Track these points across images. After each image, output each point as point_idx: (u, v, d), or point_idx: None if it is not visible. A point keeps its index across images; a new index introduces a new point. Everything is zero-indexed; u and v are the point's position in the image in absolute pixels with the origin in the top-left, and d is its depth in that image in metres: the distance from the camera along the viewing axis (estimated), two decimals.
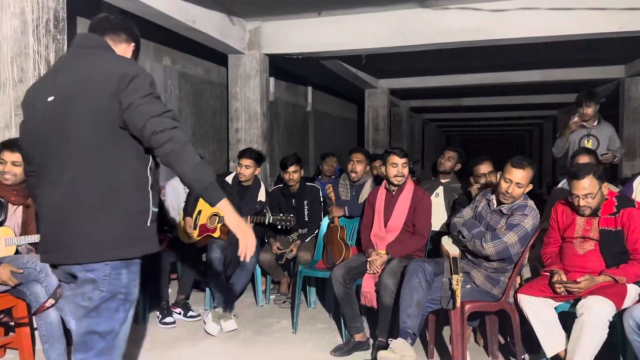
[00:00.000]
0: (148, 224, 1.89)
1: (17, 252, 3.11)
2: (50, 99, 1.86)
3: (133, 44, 2.07)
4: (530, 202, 3.16)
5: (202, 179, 1.79)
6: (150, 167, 1.92)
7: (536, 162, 17.32)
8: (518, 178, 3.10)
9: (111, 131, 1.81)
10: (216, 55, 6.63)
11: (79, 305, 1.87)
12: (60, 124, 1.83)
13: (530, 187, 3.15)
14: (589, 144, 4.66)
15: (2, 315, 2.88)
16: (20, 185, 3.14)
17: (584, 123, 4.72)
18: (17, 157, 3.04)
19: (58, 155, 1.84)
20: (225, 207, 1.84)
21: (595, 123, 4.73)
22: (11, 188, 3.10)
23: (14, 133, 3.41)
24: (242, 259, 1.95)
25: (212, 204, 1.82)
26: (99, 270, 1.82)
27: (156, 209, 1.92)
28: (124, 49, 2.03)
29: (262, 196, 4.44)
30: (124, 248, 1.84)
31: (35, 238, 3.11)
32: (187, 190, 4.67)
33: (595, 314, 2.71)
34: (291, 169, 4.47)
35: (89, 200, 1.80)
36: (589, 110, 4.66)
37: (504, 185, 3.13)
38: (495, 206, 3.23)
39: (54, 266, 1.98)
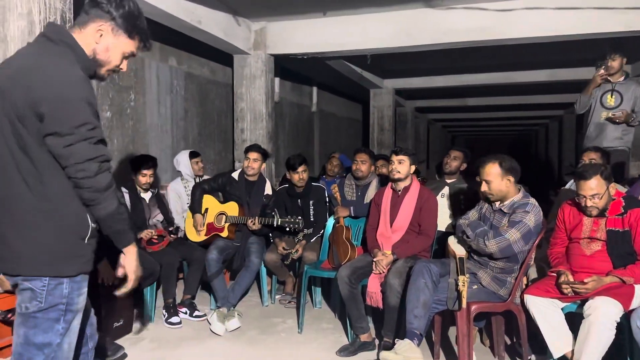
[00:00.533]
0: (86, 241, 1.77)
1: None
2: None
3: (108, 23, 1.79)
4: (532, 200, 3.15)
5: (112, 226, 1.78)
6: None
7: (542, 162, 17.30)
8: (485, 175, 3.16)
9: (37, 139, 1.66)
10: (222, 55, 6.64)
11: (17, 314, 1.77)
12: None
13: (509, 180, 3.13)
14: (611, 100, 4.43)
15: (10, 314, 2.89)
16: None
17: (610, 78, 4.47)
18: None
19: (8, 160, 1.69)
20: (128, 251, 1.85)
21: (622, 79, 4.48)
22: None
23: None
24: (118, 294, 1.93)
25: (120, 247, 1.83)
26: (38, 281, 1.72)
27: (95, 225, 1.79)
28: (91, 30, 1.78)
29: (268, 190, 4.53)
30: (59, 265, 1.72)
31: None
32: (189, 191, 4.70)
33: (603, 314, 2.69)
34: (301, 169, 4.49)
35: (20, 212, 1.69)
36: (615, 64, 4.42)
37: (482, 187, 3.19)
38: (497, 206, 3.22)
39: None
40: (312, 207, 4.58)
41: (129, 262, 1.86)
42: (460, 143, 29.97)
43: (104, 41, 1.80)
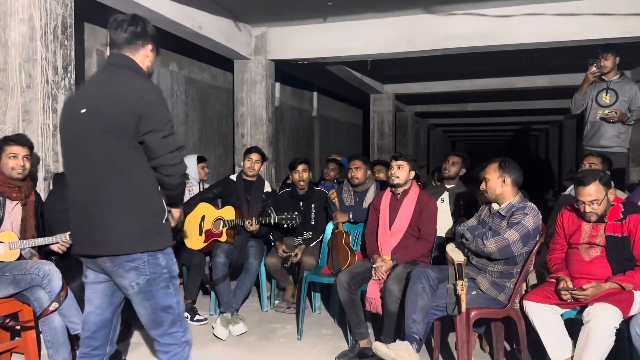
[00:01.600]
0: (163, 221, 2.18)
1: (20, 255, 3.12)
2: (82, 111, 2.12)
3: (149, 45, 2.27)
4: (530, 203, 3.16)
5: (177, 197, 2.33)
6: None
7: (542, 168, 17.32)
8: (484, 173, 3.23)
9: (129, 141, 2.08)
10: (222, 60, 6.66)
11: (130, 295, 2.17)
12: (88, 133, 2.10)
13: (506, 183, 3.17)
14: (606, 98, 4.41)
15: (8, 320, 2.89)
16: (24, 182, 3.17)
17: (604, 77, 4.46)
18: (27, 151, 3.13)
19: (87, 159, 2.11)
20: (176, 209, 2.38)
21: (616, 77, 4.46)
22: (15, 184, 3.11)
23: None
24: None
25: (178, 204, 2.38)
26: (138, 259, 2.11)
27: (169, 208, 2.21)
28: (142, 55, 2.25)
29: (268, 188, 4.61)
30: (150, 242, 2.13)
31: (39, 241, 3.13)
32: (193, 195, 4.71)
33: (602, 321, 2.69)
34: (300, 167, 4.55)
35: (114, 203, 2.08)
36: (607, 62, 4.39)
37: (481, 186, 3.25)
38: (495, 209, 3.23)
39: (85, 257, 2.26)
40: (313, 211, 4.60)
41: (175, 212, 2.37)
42: (460, 148, 29.98)
43: (151, 59, 2.30)
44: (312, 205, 4.60)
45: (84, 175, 2.14)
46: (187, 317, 4.10)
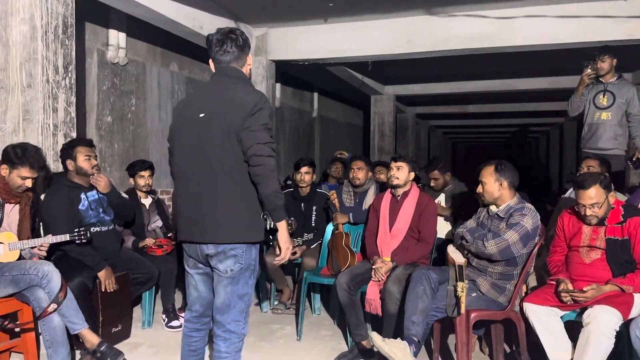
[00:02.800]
0: (261, 217, 2.42)
1: (20, 256, 3.12)
2: (201, 115, 2.38)
3: (249, 53, 2.51)
4: (528, 204, 3.16)
5: (274, 202, 2.33)
6: None
7: (543, 170, 17.28)
8: (480, 176, 3.22)
9: (237, 143, 2.32)
10: None
11: (220, 277, 2.40)
12: (206, 134, 2.36)
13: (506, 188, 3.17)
14: (604, 100, 4.41)
15: (7, 321, 2.88)
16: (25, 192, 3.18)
17: (601, 79, 4.46)
18: (36, 174, 3.09)
19: (203, 157, 2.35)
20: (281, 226, 2.40)
21: (614, 79, 4.45)
22: (14, 194, 3.12)
23: (21, 137, 3.44)
24: (278, 263, 2.51)
25: (275, 221, 2.39)
26: (239, 248, 2.37)
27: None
28: (247, 64, 2.51)
29: None
30: (251, 234, 2.38)
31: (38, 241, 3.13)
32: None
33: (602, 323, 2.68)
34: (303, 169, 4.56)
35: (224, 196, 2.32)
36: (604, 65, 4.39)
37: (478, 189, 3.24)
38: (493, 211, 3.23)
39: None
40: (314, 213, 4.60)
41: (281, 235, 2.41)
42: (461, 150, 29.98)
43: (250, 63, 2.54)
44: (314, 207, 4.59)
45: (199, 171, 2.37)
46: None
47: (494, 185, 3.16)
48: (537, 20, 5.45)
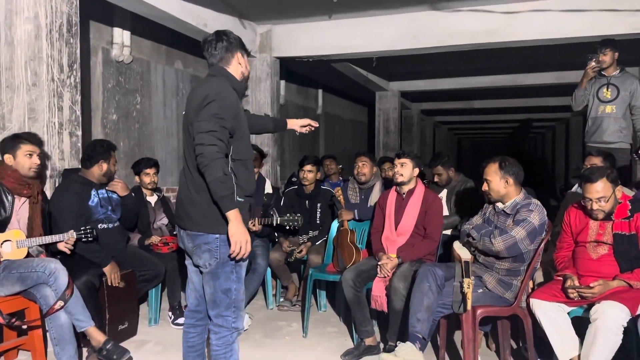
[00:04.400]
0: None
1: (28, 254, 3.14)
2: (184, 112, 2.52)
3: (237, 52, 2.55)
4: (535, 200, 3.14)
5: (216, 191, 2.26)
6: (231, 166, 2.38)
7: (548, 166, 17.19)
8: (485, 174, 3.18)
9: None
10: None
11: (203, 273, 2.46)
12: (182, 130, 2.54)
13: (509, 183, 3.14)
14: (607, 93, 4.41)
15: (14, 320, 2.90)
16: (35, 179, 3.19)
17: (604, 72, 4.46)
18: (40, 149, 3.20)
19: (188, 151, 2.45)
20: (230, 216, 2.28)
21: (617, 72, 4.46)
22: (26, 181, 3.13)
23: None
24: (232, 256, 2.35)
25: (224, 211, 2.29)
26: (213, 243, 2.39)
27: (240, 199, 2.36)
28: (235, 63, 2.56)
29: (268, 189, 4.65)
30: (220, 226, 2.35)
31: (46, 239, 3.14)
32: None
33: (609, 319, 2.67)
34: (307, 167, 4.56)
35: (197, 187, 2.37)
36: (606, 58, 4.39)
37: (483, 186, 3.21)
38: (499, 208, 3.21)
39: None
40: (319, 210, 4.60)
41: (232, 227, 2.29)
42: (466, 145, 29.89)
43: (243, 63, 2.59)
44: (318, 205, 4.59)
45: (184, 162, 2.51)
46: None
47: (500, 183, 3.13)
48: (543, 14, 5.41)
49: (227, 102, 2.37)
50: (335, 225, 4.24)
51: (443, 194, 4.48)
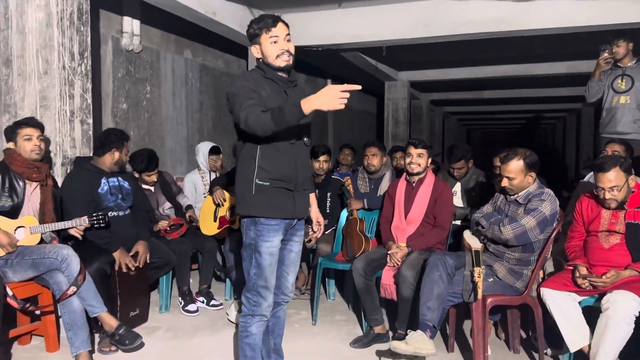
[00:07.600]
0: (253, 192, 2.40)
1: (41, 239, 3.17)
2: None
3: (254, 44, 2.56)
4: (547, 190, 3.11)
5: (279, 122, 2.22)
6: (259, 147, 2.40)
7: (559, 156, 17.05)
8: (507, 172, 3.09)
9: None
10: (236, 47, 6.65)
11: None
12: None
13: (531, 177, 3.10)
14: (622, 84, 4.39)
15: (28, 304, 2.93)
16: (42, 162, 3.21)
17: (619, 63, 4.43)
18: (39, 132, 3.18)
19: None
20: (305, 107, 2.25)
21: (632, 63, 4.41)
22: (34, 164, 3.15)
23: None
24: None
25: (300, 114, 2.24)
26: (244, 224, 2.49)
27: (261, 182, 2.38)
28: (255, 53, 2.59)
29: None
30: (243, 207, 2.45)
31: (59, 225, 3.17)
32: (206, 181, 4.73)
33: (621, 308, 2.65)
34: (322, 158, 4.57)
35: (239, 166, 2.51)
36: (620, 49, 4.36)
37: (503, 182, 3.14)
38: (511, 197, 3.19)
39: None
40: (329, 199, 4.61)
41: (313, 102, 2.29)
42: (476, 136, 29.72)
43: (260, 51, 2.57)
44: (328, 194, 4.60)
45: None
46: (203, 302, 4.14)
47: (525, 180, 3.10)
48: (554, 2, 5.34)
49: (234, 85, 2.49)
50: (344, 214, 4.24)
51: (457, 188, 4.44)
